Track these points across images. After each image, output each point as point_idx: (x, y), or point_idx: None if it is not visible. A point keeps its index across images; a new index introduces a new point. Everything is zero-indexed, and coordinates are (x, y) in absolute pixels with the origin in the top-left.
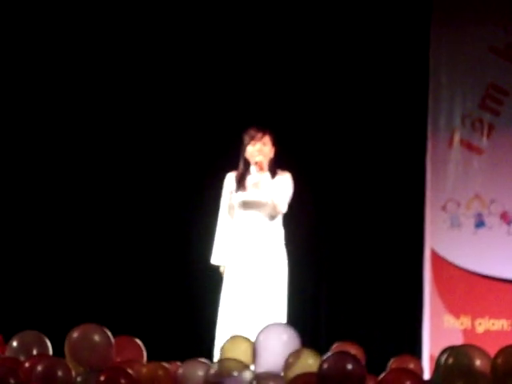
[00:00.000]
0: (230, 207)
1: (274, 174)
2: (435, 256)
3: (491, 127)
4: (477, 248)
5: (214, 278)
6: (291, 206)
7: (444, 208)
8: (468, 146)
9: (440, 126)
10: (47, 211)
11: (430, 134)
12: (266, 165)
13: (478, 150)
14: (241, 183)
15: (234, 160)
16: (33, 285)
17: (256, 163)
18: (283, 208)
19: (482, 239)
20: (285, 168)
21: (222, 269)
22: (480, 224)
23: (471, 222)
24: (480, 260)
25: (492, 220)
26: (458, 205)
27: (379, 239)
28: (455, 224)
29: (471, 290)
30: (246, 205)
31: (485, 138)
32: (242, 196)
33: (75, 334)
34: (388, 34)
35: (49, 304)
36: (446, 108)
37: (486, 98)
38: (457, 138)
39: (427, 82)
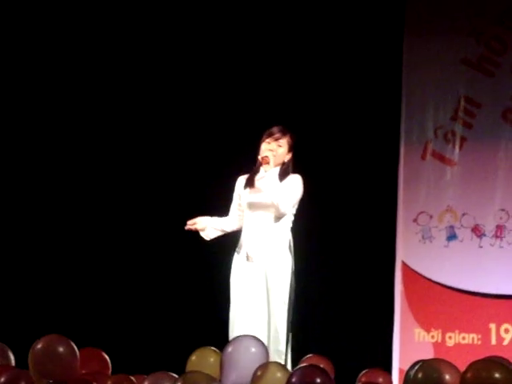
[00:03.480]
0: (239, 209)
1: (284, 176)
2: (406, 268)
3: (463, 139)
4: (448, 261)
5: (181, 292)
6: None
7: (416, 220)
8: (440, 157)
9: (413, 137)
10: (15, 219)
11: (402, 146)
12: (272, 161)
13: (451, 162)
14: (249, 182)
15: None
16: None
17: (262, 158)
18: (284, 208)
19: (454, 252)
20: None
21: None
22: (452, 237)
23: (443, 234)
24: (451, 273)
25: (464, 233)
26: (430, 217)
27: (350, 251)
28: (427, 236)
29: (442, 303)
30: (251, 206)
31: (457, 150)
32: (248, 197)
33: (39, 346)
34: (361, 46)
35: (12, 314)
36: (419, 120)
37: (459, 110)
38: (429, 149)
39: (400, 93)
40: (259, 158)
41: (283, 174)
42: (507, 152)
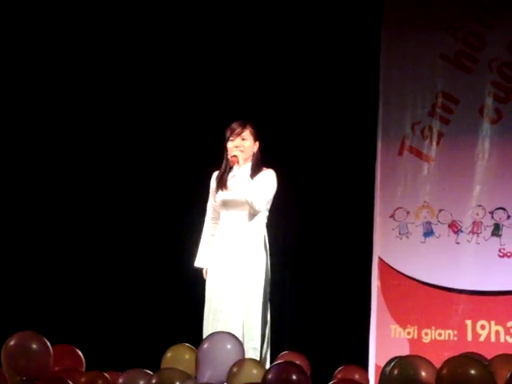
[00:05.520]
0: (215, 207)
1: (257, 170)
2: (383, 264)
3: (441, 135)
4: (425, 257)
5: (155, 288)
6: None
7: (393, 216)
8: (417, 153)
9: (390, 133)
10: None
11: (379, 141)
12: (242, 159)
13: (428, 158)
14: (221, 182)
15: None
16: None
17: (231, 158)
18: (259, 205)
19: (430, 248)
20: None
21: (204, 271)
22: (429, 233)
23: (420, 230)
24: (428, 269)
25: (440, 229)
26: (407, 213)
27: (327, 247)
28: (403, 232)
29: (418, 299)
30: (225, 204)
31: (434, 146)
32: (222, 195)
33: (12, 342)
34: (338, 41)
35: None
36: (396, 115)
37: (436, 105)
38: (406, 145)
39: (377, 89)
40: (229, 157)
41: (255, 169)
42: (484, 148)
